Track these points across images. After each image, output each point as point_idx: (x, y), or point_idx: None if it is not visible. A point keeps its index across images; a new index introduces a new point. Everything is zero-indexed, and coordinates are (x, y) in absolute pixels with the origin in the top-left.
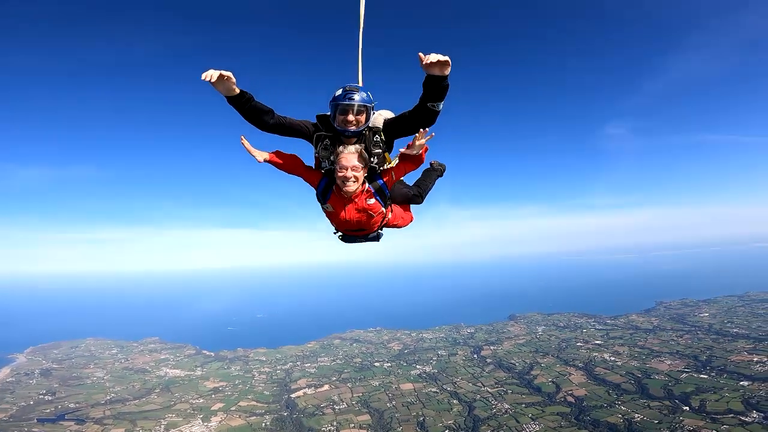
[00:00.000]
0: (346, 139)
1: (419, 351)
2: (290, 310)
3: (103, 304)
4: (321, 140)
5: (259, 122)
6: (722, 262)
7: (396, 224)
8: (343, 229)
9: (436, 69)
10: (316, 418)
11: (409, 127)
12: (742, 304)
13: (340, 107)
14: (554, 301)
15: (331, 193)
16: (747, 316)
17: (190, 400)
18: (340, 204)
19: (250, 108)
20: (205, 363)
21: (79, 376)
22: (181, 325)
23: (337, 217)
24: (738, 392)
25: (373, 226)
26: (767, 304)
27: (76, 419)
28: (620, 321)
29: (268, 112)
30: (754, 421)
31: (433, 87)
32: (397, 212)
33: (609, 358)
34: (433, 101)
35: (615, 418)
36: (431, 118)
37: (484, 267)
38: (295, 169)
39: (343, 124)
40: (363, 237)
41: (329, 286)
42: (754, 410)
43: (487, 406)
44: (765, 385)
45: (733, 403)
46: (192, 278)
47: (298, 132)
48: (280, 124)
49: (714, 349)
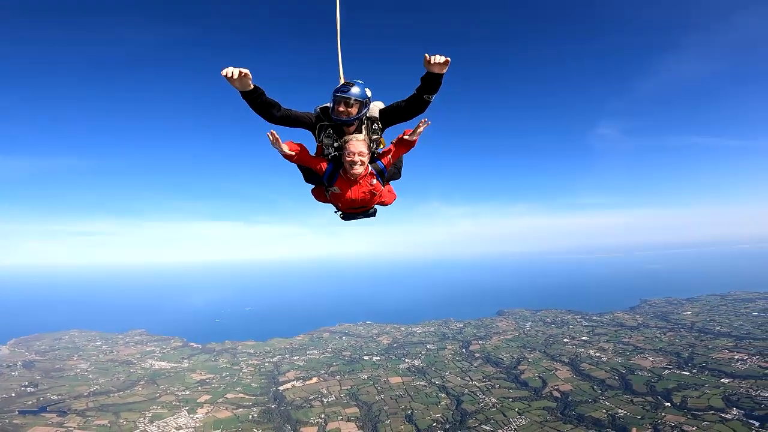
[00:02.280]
0: (346, 127)
1: (408, 345)
2: (280, 304)
3: (88, 297)
4: (324, 129)
5: (268, 115)
6: (705, 263)
7: (385, 201)
8: (346, 207)
9: (437, 68)
10: (304, 410)
11: (404, 115)
12: (724, 303)
13: (336, 98)
14: (542, 298)
15: (338, 176)
16: (729, 314)
17: (176, 392)
18: (346, 185)
19: (261, 102)
20: (192, 355)
21: (62, 368)
22: (168, 318)
23: (343, 197)
24: (719, 389)
25: (373, 203)
26: (749, 303)
27: (58, 411)
28: (606, 318)
29: (275, 105)
30: (735, 418)
31: (431, 82)
32: (384, 190)
33: (594, 354)
34: (428, 93)
35: (599, 414)
36: (423, 108)
37: (473, 263)
38: (305, 159)
39: (338, 114)
40: (362, 214)
41: (319, 280)
42: (734, 407)
43: (474, 400)
44: (745, 383)
45: (714, 400)
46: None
47: (301, 123)
48: (286, 116)
49: (696, 347)
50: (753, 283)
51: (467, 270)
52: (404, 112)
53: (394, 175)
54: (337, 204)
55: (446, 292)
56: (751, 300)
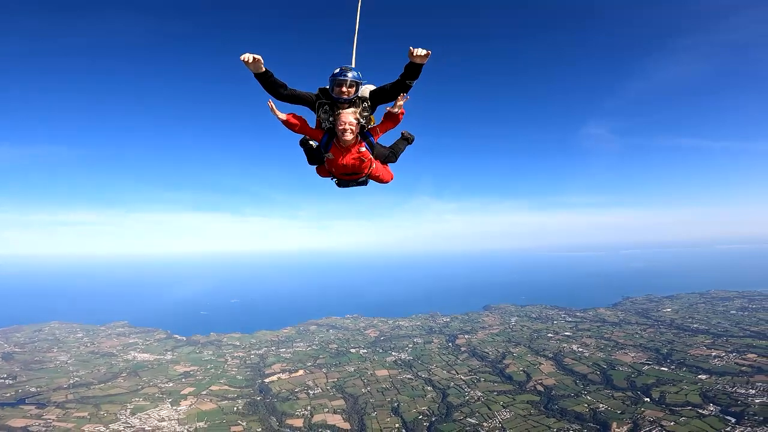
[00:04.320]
0: (341, 104)
1: (395, 338)
2: (266, 297)
3: (69, 288)
4: (322, 106)
5: (276, 93)
6: (686, 262)
7: (379, 176)
8: (340, 173)
9: (419, 59)
10: (290, 402)
11: (389, 96)
12: (703, 301)
13: (337, 81)
14: (527, 294)
15: (332, 144)
16: (707, 312)
17: (159, 384)
18: (339, 152)
19: (271, 82)
20: (176, 347)
21: (42, 360)
22: (151, 310)
23: (336, 162)
24: (696, 385)
25: (363, 171)
26: (727, 302)
27: (36, 403)
28: (589, 314)
29: (282, 85)
30: (711, 414)
31: (412, 70)
32: (379, 167)
33: (577, 349)
34: (410, 80)
35: (581, 408)
36: (405, 91)
37: (461, 259)
38: (305, 128)
39: (338, 93)
40: (354, 182)
41: (307, 273)
42: (711, 403)
43: (460, 393)
44: (722, 380)
45: (692, 395)
46: (165, 263)
47: (304, 101)
48: (291, 95)
49: (675, 343)
50: (731, 283)
51: (455, 265)
52: (389, 94)
53: (389, 157)
54: (332, 170)
55: (434, 287)
56: (729, 299)
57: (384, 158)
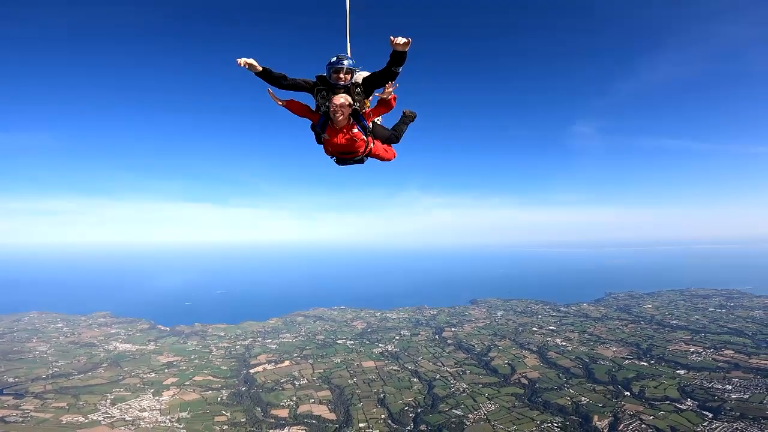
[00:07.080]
0: (338, 90)
1: (382, 330)
2: (252, 287)
3: (50, 278)
4: (320, 92)
5: (278, 84)
6: (667, 260)
7: (379, 154)
8: (336, 152)
9: (400, 47)
10: (275, 393)
11: (379, 83)
12: (682, 298)
13: (334, 68)
14: (513, 288)
15: (327, 126)
16: (687, 309)
17: (141, 375)
18: (334, 133)
19: (271, 77)
20: (159, 338)
21: (20, 351)
22: (135, 301)
23: (331, 141)
24: (675, 380)
25: (358, 150)
26: (706, 299)
27: (14, 394)
28: (573, 309)
29: (282, 77)
30: (689, 408)
31: (397, 58)
32: (379, 145)
33: (561, 343)
34: (396, 66)
35: (564, 401)
36: (393, 77)
37: (449, 253)
38: (304, 111)
39: (335, 80)
40: (351, 160)
41: (294, 264)
42: (689, 398)
43: (446, 385)
44: (700, 375)
45: (670, 390)
46: (149, 253)
47: (303, 88)
48: (291, 84)
49: (655, 339)
50: (710, 281)
51: (442, 259)
52: (379, 80)
53: (391, 138)
54: (329, 149)
55: (421, 280)
56: (708, 296)
57: (386, 139)
